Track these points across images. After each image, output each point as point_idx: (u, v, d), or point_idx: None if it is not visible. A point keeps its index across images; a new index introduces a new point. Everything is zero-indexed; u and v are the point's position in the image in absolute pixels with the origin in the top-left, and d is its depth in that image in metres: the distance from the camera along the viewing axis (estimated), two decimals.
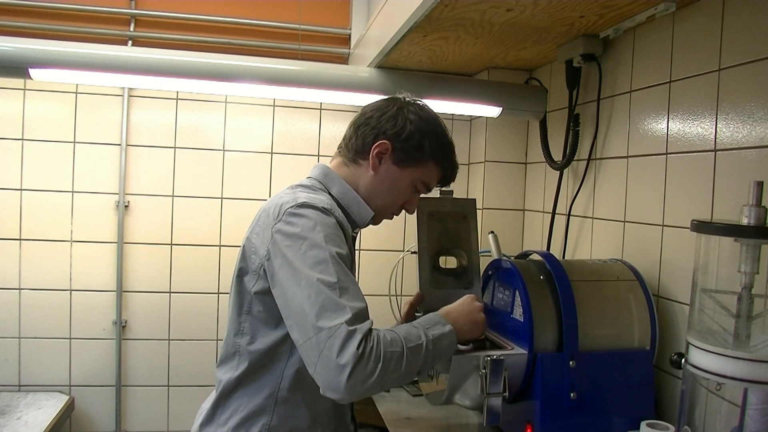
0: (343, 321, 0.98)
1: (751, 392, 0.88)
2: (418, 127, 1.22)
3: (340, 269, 1.04)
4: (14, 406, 2.01)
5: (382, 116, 1.23)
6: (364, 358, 0.97)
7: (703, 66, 1.28)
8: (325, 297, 1.01)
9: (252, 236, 1.15)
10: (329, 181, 1.25)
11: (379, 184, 1.24)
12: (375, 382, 0.99)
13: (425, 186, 1.28)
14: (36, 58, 1.61)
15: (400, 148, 1.22)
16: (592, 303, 1.30)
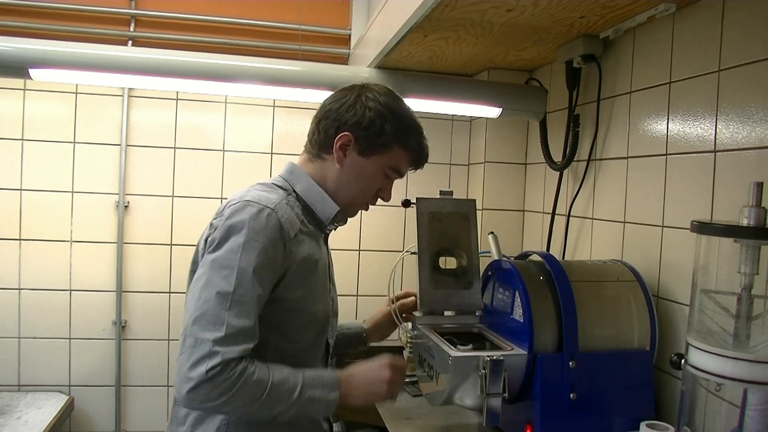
0: (212, 338, 1.00)
1: (750, 393, 0.88)
2: (377, 112, 1.19)
3: (242, 281, 1.04)
4: (14, 406, 2.01)
5: (341, 107, 1.21)
6: (212, 383, 0.99)
7: (703, 67, 1.28)
8: (210, 305, 1.02)
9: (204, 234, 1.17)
10: (294, 178, 1.24)
11: (347, 177, 1.22)
12: (214, 406, 1.02)
13: (396, 172, 1.25)
14: (36, 58, 1.61)
15: (363, 137, 1.19)
16: (591, 303, 1.30)
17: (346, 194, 1.23)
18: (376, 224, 2.36)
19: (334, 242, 2.29)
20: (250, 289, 1.05)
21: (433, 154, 2.35)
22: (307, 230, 1.19)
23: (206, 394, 0.99)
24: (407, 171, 1.28)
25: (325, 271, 1.26)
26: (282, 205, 1.14)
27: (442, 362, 1.24)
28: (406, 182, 2.39)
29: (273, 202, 1.12)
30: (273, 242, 1.08)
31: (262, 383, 1.04)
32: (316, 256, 1.20)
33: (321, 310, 1.23)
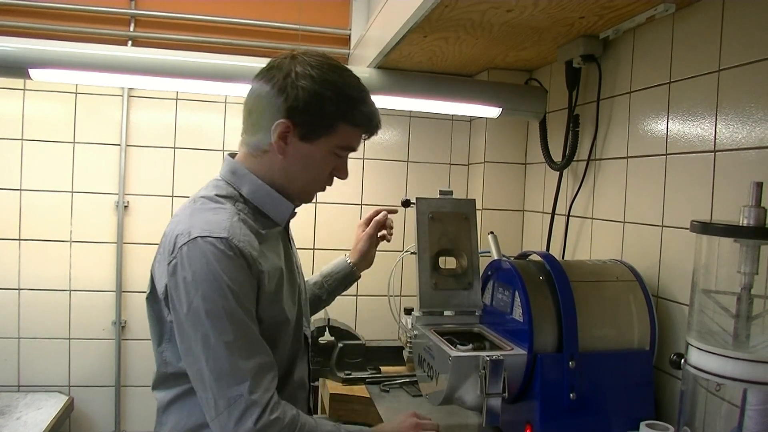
0: (243, 391, 0.99)
1: (750, 393, 0.88)
2: (312, 92, 1.06)
3: (233, 321, 1.00)
4: (14, 407, 2.01)
5: (271, 92, 1.08)
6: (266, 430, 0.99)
7: (702, 67, 1.28)
8: (223, 360, 0.99)
9: (155, 263, 1.09)
10: (238, 180, 1.14)
11: (293, 166, 1.12)
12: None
13: (346, 149, 1.15)
14: (36, 58, 1.61)
15: (302, 123, 1.08)
16: (591, 303, 1.30)
17: (297, 184, 1.15)
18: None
19: (334, 242, 2.32)
20: (241, 326, 1.02)
21: (433, 154, 2.40)
22: (265, 237, 1.12)
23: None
24: (360, 142, 1.18)
25: (291, 268, 1.21)
26: (235, 226, 1.05)
27: (442, 362, 1.24)
28: (406, 182, 2.39)
29: (224, 228, 1.03)
30: (242, 272, 1.03)
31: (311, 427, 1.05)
32: (279, 263, 1.14)
33: (296, 312, 1.20)
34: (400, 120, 2.38)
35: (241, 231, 1.05)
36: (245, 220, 1.09)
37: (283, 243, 1.21)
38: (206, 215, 1.06)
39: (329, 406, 1.71)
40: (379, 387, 1.73)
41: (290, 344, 1.18)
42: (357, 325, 2.33)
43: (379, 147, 2.38)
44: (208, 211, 1.08)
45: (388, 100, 1.88)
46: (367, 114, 1.13)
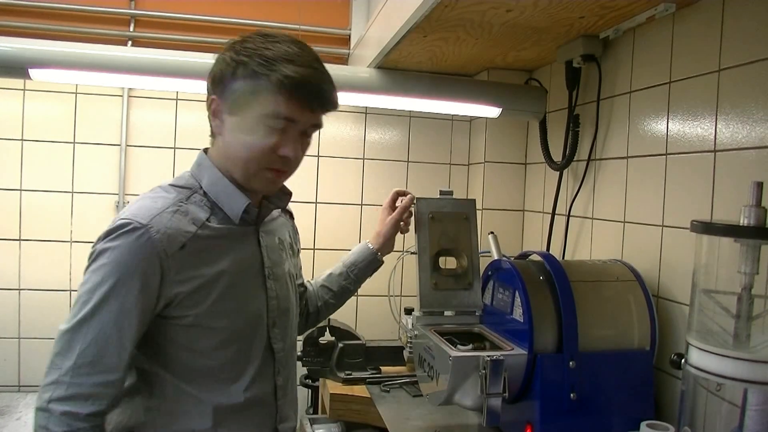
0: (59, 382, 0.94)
1: (750, 393, 0.88)
2: (230, 59, 1.02)
3: (89, 334, 0.96)
4: (14, 407, 2.01)
5: (209, 74, 1.08)
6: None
7: (703, 66, 1.28)
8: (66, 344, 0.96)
9: None
10: (200, 171, 1.10)
11: (230, 145, 1.06)
12: None
13: (277, 118, 1.01)
14: (36, 58, 1.61)
15: (224, 94, 1.04)
16: (591, 303, 1.30)
17: (240, 166, 1.06)
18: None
19: (335, 242, 2.32)
20: (93, 343, 0.97)
21: (433, 154, 2.40)
22: (219, 234, 1.07)
23: None
24: (308, 114, 1.04)
25: (253, 273, 1.13)
26: (164, 215, 1.01)
27: (442, 362, 1.24)
28: (406, 182, 2.39)
29: (149, 216, 1.00)
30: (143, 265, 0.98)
31: None
32: (228, 265, 1.07)
33: (252, 321, 1.12)
34: (400, 120, 2.38)
35: (168, 222, 1.01)
36: (188, 212, 1.05)
37: (249, 246, 1.14)
38: (146, 201, 1.04)
39: (329, 406, 1.71)
40: (380, 387, 1.73)
41: (236, 355, 1.10)
42: (357, 325, 2.33)
43: (379, 147, 2.38)
44: (150, 198, 1.06)
45: (388, 100, 1.89)
46: (292, 75, 0.99)
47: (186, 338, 1.06)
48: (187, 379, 1.06)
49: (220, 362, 1.08)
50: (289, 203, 1.27)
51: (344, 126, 2.35)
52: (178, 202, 1.06)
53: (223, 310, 1.07)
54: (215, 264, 1.06)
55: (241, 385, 1.10)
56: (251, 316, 1.12)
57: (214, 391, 1.08)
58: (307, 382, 2.15)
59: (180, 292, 1.03)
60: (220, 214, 1.09)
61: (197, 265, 1.04)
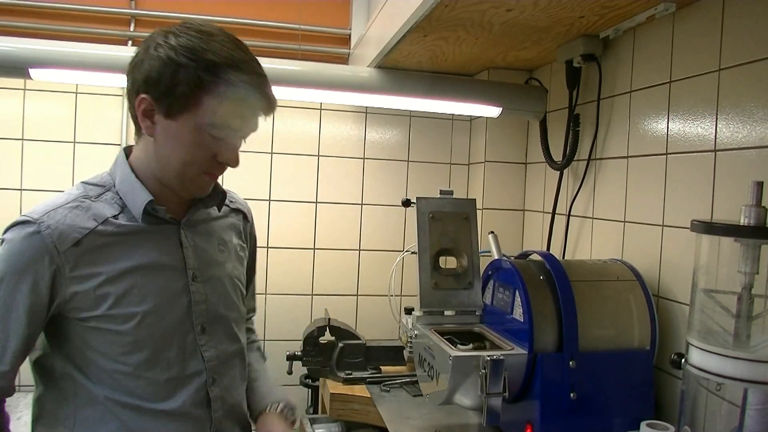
0: None
1: (751, 392, 0.88)
2: (167, 59, 0.94)
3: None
4: (14, 407, 2.01)
5: (133, 69, 0.99)
6: None
7: (703, 66, 1.28)
8: None
9: None
10: (115, 169, 1.07)
11: (164, 148, 1.00)
12: None
13: (220, 128, 0.98)
14: (36, 58, 1.61)
15: (159, 96, 0.96)
16: (592, 303, 1.30)
17: (171, 169, 1.01)
18: (376, 224, 2.36)
19: (334, 241, 2.32)
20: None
21: (433, 154, 2.40)
22: (121, 230, 1.02)
23: None
24: (246, 124, 1.01)
25: (171, 275, 1.06)
26: (60, 211, 0.99)
27: (443, 362, 1.24)
28: (406, 182, 2.39)
29: (45, 211, 0.98)
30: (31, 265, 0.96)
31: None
32: (126, 265, 1.02)
33: (154, 325, 1.03)
34: (401, 120, 2.38)
35: (62, 218, 0.99)
36: (90, 208, 1.01)
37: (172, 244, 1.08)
38: (54, 197, 1.03)
39: (329, 406, 1.71)
40: (380, 387, 1.73)
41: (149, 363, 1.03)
42: (357, 325, 2.33)
43: (379, 147, 2.38)
44: (60, 195, 1.04)
45: (388, 99, 1.89)
46: (240, 84, 0.95)
47: (95, 341, 1.01)
48: (102, 385, 1.02)
49: (131, 368, 1.02)
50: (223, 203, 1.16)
51: (344, 126, 2.35)
52: (82, 197, 1.03)
53: (127, 313, 1.01)
54: (117, 262, 1.01)
55: (161, 395, 1.04)
56: (167, 321, 1.05)
57: (132, 399, 1.03)
58: (307, 381, 2.15)
59: (77, 291, 0.99)
60: (130, 213, 1.04)
61: (95, 263, 1.00)
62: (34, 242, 0.97)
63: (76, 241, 0.99)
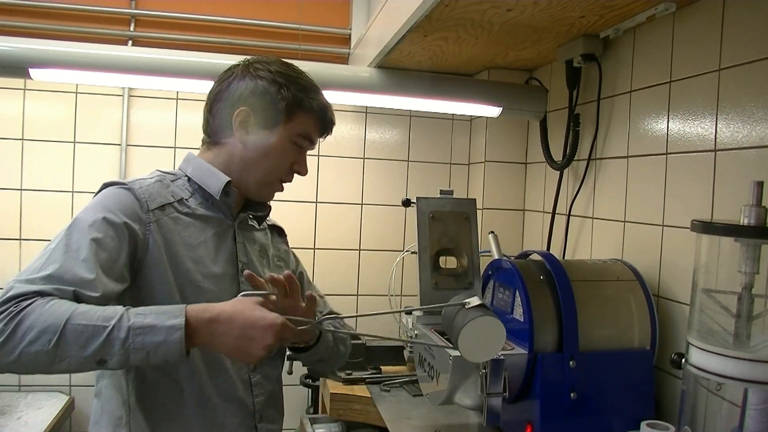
0: (14, 278, 0.93)
1: (751, 392, 0.88)
2: (271, 80, 1.13)
3: (73, 231, 1.03)
4: (14, 406, 2.01)
5: (231, 85, 1.14)
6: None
7: (703, 66, 1.28)
8: (33, 259, 1.00)
9: None
10: (186, 164, 1.19)
11: (254, 154, 1.15)
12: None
13: (305, 139, 1.18)
14: (36, 58, 1.61)
15: (261, 108, 1.13)
16: (592, 303, 1.30)
17: (257, 174, 1.16)
18: (376, 224, 2.36)
19: (334, 241, 2.32)
20: (82, 238, 1.00)
21: (433, 154, 2.40)
22: (192, 212, 1.12)
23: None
24: (317, 138, 1.22)
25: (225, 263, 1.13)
26: (146, 182, 1.10)
27: (443, 362, 1.23)
28: (406, 182, 2.39)
29: (133, 181, 1.10)
30: (121, 207, 1.04)
31: (58, 311, 0.87)
32: (192, 241, 1.09)
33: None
34: (401, 119, 2.38)
35: (149, 187, 1.09)
36: (169, 186, 1.13)
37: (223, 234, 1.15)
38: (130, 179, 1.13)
39: (330, 406, 1.71)
40: (380, 387, 1.73)
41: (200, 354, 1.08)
42: (357, 325, 2.33)
43: (379, 146, 2.38)
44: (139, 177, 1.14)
45: (389, 99, 1.88)
46: (322, 104, 1.18)
47: None
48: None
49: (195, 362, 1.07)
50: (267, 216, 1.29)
51: (344, 126, 2.35)
52: (160, 177, 1.14)
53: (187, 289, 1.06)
54: (187, 238, 1.10)
55: (213, 375, 1.09)
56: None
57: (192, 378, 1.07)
58: (308, 381, 2.15)
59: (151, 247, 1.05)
60: (200, 198, 1.15)
61: (172, 230, 1.08)
62: (129, 195, 1.07)
63: (161, 205, 1.09)
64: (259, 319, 0.93)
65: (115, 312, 0.90)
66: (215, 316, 0.93)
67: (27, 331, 0.86)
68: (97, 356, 0.87)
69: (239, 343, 0.93)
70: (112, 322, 0.88)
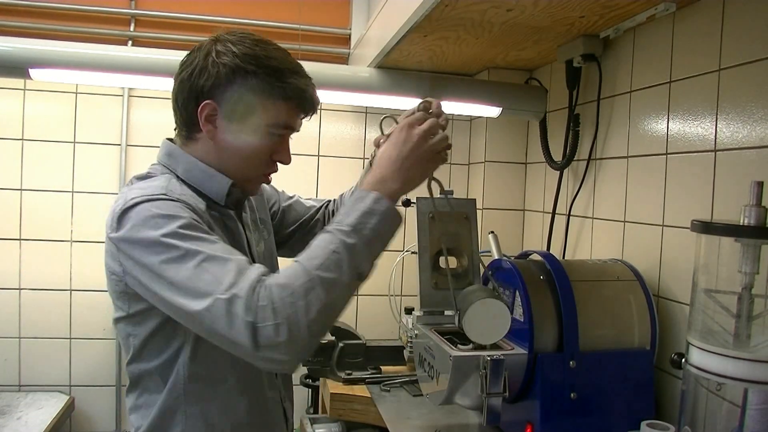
0: (215, 295, 0.85)
1: (751, 392, 0.88)
2: (234, 66, 1.00)
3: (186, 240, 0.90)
4: (14, 406, 2.01)
5: (193, 73, 1.02)
6: (261, 315, 0.84)
7: (703, 66, 1.28)
8: (182, 278, 0.88)
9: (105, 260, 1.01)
10: (173, 161, 1.09)
11: (226, 150, 1.05)
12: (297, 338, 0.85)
13: (283, 127, 1.06)
14: (36, 58, 1.61)
15: (226, 102, 1.02)
16: (592, 303, 1.30)
17: (233, 169, 1.07)
18: None
19: None
20: (199, 238, 0.91)
21: None
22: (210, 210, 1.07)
23: (274, 329, 0.83)
24: (299, 123, 1.10)
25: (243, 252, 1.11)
26: (172, 185, 1.02)
27: (443, 362, 1.24)
28: None
29: (161, 188, 0.98)
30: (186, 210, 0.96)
31: (295, 275, 0.87)
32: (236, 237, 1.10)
33: None
34: None
35: (180, 190, 1.01)
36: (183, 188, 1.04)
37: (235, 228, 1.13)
38: (139, 186, 1.01)
39: (330, 406, 1.71)
40: (380, 387, 1.73)
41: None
42: (357, 325, 2.33)
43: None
44: (140, 184, 1.03)
45: (389, 99, 1.88)
46: (296, 87, 1.04)
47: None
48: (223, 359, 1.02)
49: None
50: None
51: (344, 126, 2.35)
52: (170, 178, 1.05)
53: None
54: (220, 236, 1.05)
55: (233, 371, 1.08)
56: None
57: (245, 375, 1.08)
58: (308, 381, 2.15)
59: None
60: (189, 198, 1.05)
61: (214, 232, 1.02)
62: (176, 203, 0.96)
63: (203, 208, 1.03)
64: (406, 140, 0.99)
65: (324, 238, 0.91)
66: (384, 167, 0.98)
67: (297, 304, 0.85)
68: (354, 272, 0.91)
69: (424, 165, 1.00)
70: (335, 241, 0.90)
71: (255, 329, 0.83)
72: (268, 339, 0.83)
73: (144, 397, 1.09)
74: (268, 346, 0.84)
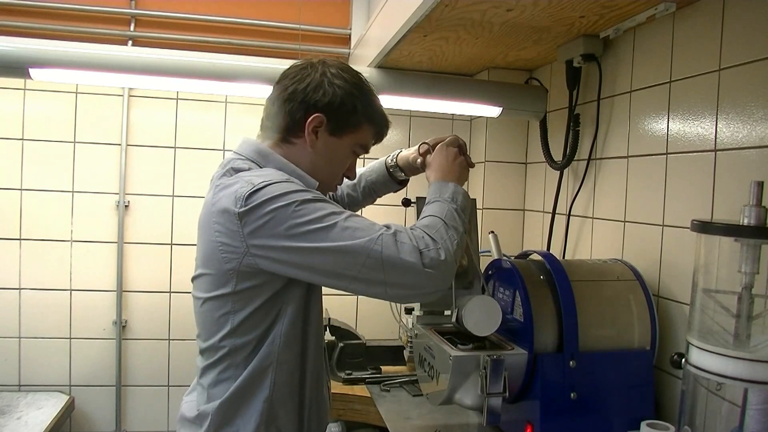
0: (379, 231, 1.03)
1: (751, 392, 0.88)
2: (347, 91, 1.16)
3: (326, 203, 1.05)
4: (14, 406, 2.01)
5: (307, 87, 1.15)
6: (423, 242, 1.04)
7: (703, 66, 1.28)
8: (339, 228, 1.02)
9: (215, 239, 1.09)
10: (264, 159, 1.17)
11: (320, 159, 1.18)
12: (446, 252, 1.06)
13: (363, 148, 1.24)
14: (36, 58, 1.61)
15: (334, 118, 1.16)
16: (592, 303, 1.30)
17: (321, 175, 1.20)
18: None
19: None
20: (336, 205, 1.07)
21: None
22: None
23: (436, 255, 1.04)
24: (371, 146, 1.27)
25: None
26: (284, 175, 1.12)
27: (443, 362, 1.24)
28: None
29: (279, 174, 1.10)
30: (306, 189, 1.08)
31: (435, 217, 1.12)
32: None
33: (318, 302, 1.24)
34: (401, 119, 2.38)
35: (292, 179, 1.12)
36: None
37: None
38: (254, 174, 1.10)
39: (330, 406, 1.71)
40: (380, 387, 1.73)
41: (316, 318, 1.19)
42: (357, 325, 2.33)
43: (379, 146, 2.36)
44: (254, 173, 1.11)
45: (389, 99, 1.88)
46: (383, 117, 1.24)
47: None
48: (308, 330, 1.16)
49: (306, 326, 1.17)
50: None
51: None
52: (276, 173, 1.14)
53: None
54: None
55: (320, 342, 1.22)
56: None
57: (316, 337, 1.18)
58: None
59: None
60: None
61: None
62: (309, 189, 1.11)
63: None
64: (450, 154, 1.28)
65: (434, 205, 1.16)
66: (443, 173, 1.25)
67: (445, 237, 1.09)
68: (462, 226, 1.14)
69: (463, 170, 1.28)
70: (444, 205, 1.16)
71: (420, 252, 1.03)
72: (432, 260, 1.03)
73: (230, 371, 1.12)
74: (433, 266, 1.03)
